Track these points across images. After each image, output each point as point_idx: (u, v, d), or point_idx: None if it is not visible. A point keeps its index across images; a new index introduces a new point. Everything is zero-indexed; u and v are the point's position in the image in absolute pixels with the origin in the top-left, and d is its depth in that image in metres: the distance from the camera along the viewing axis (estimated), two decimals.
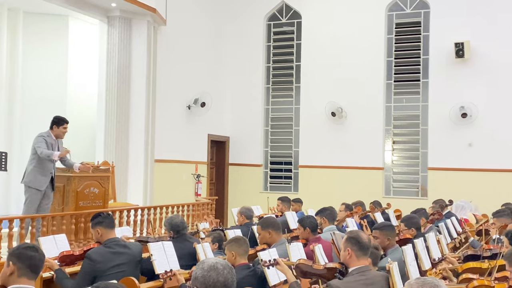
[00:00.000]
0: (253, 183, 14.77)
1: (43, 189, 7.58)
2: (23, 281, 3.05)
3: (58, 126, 7.72)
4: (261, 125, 14.94)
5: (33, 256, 3.10)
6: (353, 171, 13.74)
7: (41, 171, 7.56)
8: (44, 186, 7.59)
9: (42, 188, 7.57)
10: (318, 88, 14.18)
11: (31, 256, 3.10)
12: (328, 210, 6.98)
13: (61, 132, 7.74)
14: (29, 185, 7.56)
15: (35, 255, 3.11)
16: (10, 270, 3.07)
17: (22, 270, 3.06)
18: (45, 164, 7.57)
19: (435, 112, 13.24)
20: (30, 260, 3.09)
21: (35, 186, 7.54)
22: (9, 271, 3.07)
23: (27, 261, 3.08)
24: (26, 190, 7.61)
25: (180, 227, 5.74)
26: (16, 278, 3.05)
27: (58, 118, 7.80)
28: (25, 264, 3.07)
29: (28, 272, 3.07)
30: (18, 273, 3.06)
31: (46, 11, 10.98)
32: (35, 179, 7.54)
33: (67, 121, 7.83)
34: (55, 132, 7.72)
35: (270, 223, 5.71)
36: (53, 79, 11.34)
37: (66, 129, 7.77)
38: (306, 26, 14.50)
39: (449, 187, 12.50)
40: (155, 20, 11.70)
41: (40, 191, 7.57)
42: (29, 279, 3.07)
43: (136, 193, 11.16)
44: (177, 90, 12.90)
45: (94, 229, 4.86)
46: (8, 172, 8.58)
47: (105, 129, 11.00)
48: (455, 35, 12.88)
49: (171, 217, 6.00)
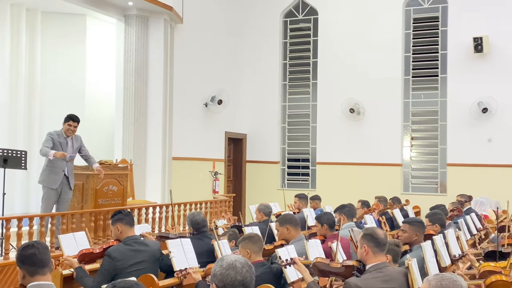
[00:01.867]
0: (271, 180, 14.77)
1: (56, 187, 7.62)
2: (38, 278, 3.10)
3: (64, 123, 7.76)
4: (278, 122, 14.92)
5: (33, 253, 3.14)
6: (371, 167, 13.67)
7: (53, 169, 7.61)
8: (57, 184, 7.62)
9: (55, 187, 7.61)
10: (335, 84, 14.12)
11: (31, 254, 3.13)
12: (347, 207, 6.94)
13: (66, 129, 7.73)
14: (43, 184, 7.65)
15: (34, 252, 3.14)
16: (21, 274, 3.15)
17: (31, 270, 3.11)
18: (56, 163, 7.59)
19: (453, 107, 13.12)
20: (32, 258, 3.13)
21: (48, 185, 7.60)
22: (21, 275, 3.16)
23: (30, 260, 3.13)
24: (42, 188, 7.71)
25: (200, 224, 5.75)
26: (31, 278, 3.11)
27: (67, 116, 7.82)
28: (30, 264, 3.12)
29: (36, 269, 3.12)
30: (29, 274, 3.11)
31: (64, 10, 11.07)
32: (47, 178, 7.61)
33: (74, 118, 7.76)
34: (64, 128, 7.76)
35: (288, 219, 5.70)
36: (71, 78, 11.43)
37: (71, 126, 7.72)
38: (322, 22, 14.45)
39: (469, 183, 12.39)
40: (172, 18, 11.74)
41: (54, 189, 7.62)
42: (42, 275, 3.12)
43: (154, 190, 11.22)
44: (194, 87, 12.93)
45: (114, 225, 4.87)
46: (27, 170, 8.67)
47: (123, 127, 11.07)
48: (473, 30, 12.75)
49: (193, 213, 5.99)
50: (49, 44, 11.23)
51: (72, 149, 7.74)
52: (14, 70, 10.36)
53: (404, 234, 5.32)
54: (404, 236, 5.30)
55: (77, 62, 11.52)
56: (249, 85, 14.98)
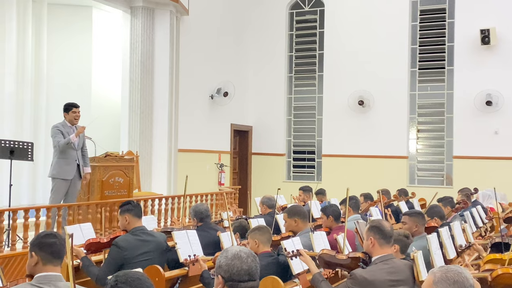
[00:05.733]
0: (276, 172, 14.78)
1: (71, 178, 7.65)
2: (48, 269, 3.11)
3: (68, 112, 7.73)
4: (284, 114, 14.91)
5: (54, 242, 3.16)
6: (377, 160, 13.66)
7: (66, 160, 7.61)
8: (71, 175, 7.64)
9: (69, 177, 7.63)
10: (341, 76, 14.09)
11: (52, 243, 3.15)
12: (353, 199, 6.95)
13: (72, 117, 7.71)
14: (56, 176, 7.62)
15: (55, 241, 3.17)
16: (34, 260, 3.13)
17: (46, 258, 3.12)
18: (68, 153, 7.61)
19: (460, 100, 13.07)
20: (51, 247, 3.15)
21: (62, 176, 7.59)
22: (33, 261, 3.14)
23: (49, 248, 3.14)
24: (52, 181, 7.69)
25: (203, 214, 5.81)
26: (42, 267, 3.11)
27: (67, 104, 7.80)
28: (48, 252, 3.13)
29: (52, 258, 3.13)
30: (43, 262, 3.12)
31: (70, 2, 11.08)
32: (60, 169, 7.60)
33: (76, 105, 7.77)
34: (68, 119, 7.73)
35: (297, 212, 5.71)
36: (78, 70, 11.44)
37: (76, 113, 7.72)
38: (329, 14, 14.41)
39: (475, 176, 12.36)
40: (178, 10, 11.73)
41: (67, 180, 7.64)
42: (54, 266, 3.14)
43: (160, 182, 11.25)
44: (200, 79, 12.93)
45: (123, 215, 4.90)
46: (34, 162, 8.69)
47: (129, 119, 11.09)
48: (480, 22, 12.68)
49: (196, 204, 6.10)
50: (56, 36, 11.24)
51: (78, 138, 7.73)
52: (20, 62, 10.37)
53: (404, 226, 5.38)
54: (405, 227, 5.34)
55: (83, 54, 11.54)
56: (255, 77, 14.97)
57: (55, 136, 7.58)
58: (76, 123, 7.79)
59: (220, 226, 6.46)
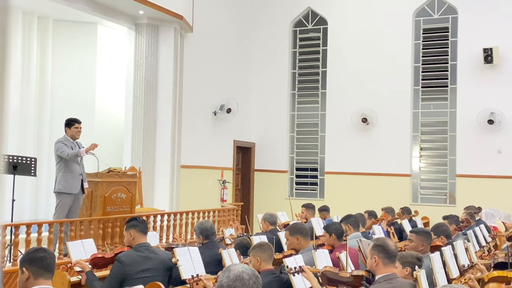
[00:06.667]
0: (279, 189, 14.75)
1: (76, 192, 7.67)
2: (40, 282, 3.22)
3: (70, 127, 7.78)
4: (286, 131, 14.92)
5: (44, 256, 3.27)
6: (380, 177, 13.63)
7: (71, 174, 7.64)
8: (77, 189, 7.68)
9: (75, 191, 7.66)
10: (344, 94, 14.12)
11: (42, 257, 3.26)
12: (353, 217, 6.93)
13: (74, 132, 7.76)
14: (62, 190, 7.63)
15: (45, 255, 3.28)
16: (26, 276, 3.22)
17: (37, 273, 3.22)
18: (73, 167, 7.64)
19: (463, 118, 13.07)
20: (42, 261, 3.26)
21: (68, 191, 7.61)
22: (24, 277, 3.23)
23: (39, 262, 3.25)
24: (57, 196, 7.70)
25: (209, 231, 5.79)
26: (34, 281, 3.22)
27: (69, 120, 7.85)
28: (38, 266, 3.24)
29: (43, 272, 3.23)
30: (34, 276, 3.22)
31: (76, 18, 11.15)
32: (66, 183, 7.62)
33: (78, 120, 7.84)
34: (69, 134, 7.77)
35: (299, 229, 5.69)
36: (82, 86, 11.50)
37: (78, 128, 7.78)
38: (332, 32, 14.47)
39: (478, 195, 12.32)
40: (182, 27, 11.80)
41: (72, 195, 7.65)
42: (45, 279, 3.25)
43: (162, 198, 11.24)
44: (203, 96, 12.97)
45: (128, 231, 4.91)
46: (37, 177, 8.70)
47: (132, 135, 11.11)
48: (483, 41, 12.73)
49: (201, 222, 6.07)
50: (60, 51, 11.31)
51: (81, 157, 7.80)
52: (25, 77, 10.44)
53: (410, 244, 5.33)
54: (411, 245, 5.30)
55: (87, 70, 11.60)
56: (258, 94, 15.01)
57: (62, 149, 7.60)
58: (78, 138, 7.85)
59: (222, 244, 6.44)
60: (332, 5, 14.45)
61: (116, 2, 10.20)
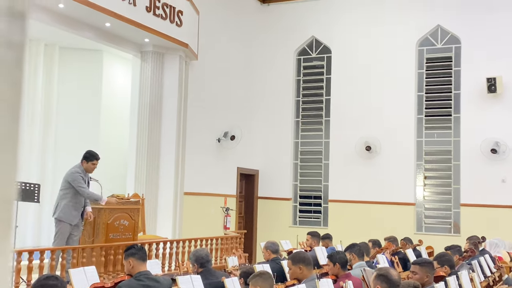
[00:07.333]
0: (283, 217, 14.69)
1: (76, 223, 7.68)
2: None
3: (88, 161, 7.81)
4: (290, 159, 14.92)
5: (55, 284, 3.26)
6: (384, 206, 13.57)
7: (75, 206, 7.65)
8: (76, 219, 7.69)
9: (75, 222, 7.66)
10: (348, 122, 14.15)
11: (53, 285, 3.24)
12: (357, 246, 6.88)
13: (90, 167, 7.81)
14: (63, 219, 7.62)
15: (56, 283, 3.27)
16: None
17: None
18: (79, 199, 7.65)
19: (467, 147, 13.06)
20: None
21: (68, 221, 7.62)
22: None
23: None
24: (57, 223, 7.68)
25: (204, 259, 5.73)
26: None
27: (89, 154, 7.88)
28: None
29: None
30: None
31: (82, 46, 11.25)
32: (69, 214, 7.61)
33: (98, 157, 7.88)
34: (84, 166, 7.82)
35: (301, 258, 5.63)
36: (87, 112, 11.56)
37: (95, 165, 7.84)
38: (336, 60, 14.57)
39: (483, 224, 12.24)
40: (187, 55, 11.89)
41: (71, 225, 7.65)
42: None
43: (165, 225, 11.19)
44: (207, 123, 13.02)
45: (127, 260, 4.88)
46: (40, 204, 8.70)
47: (136, 161, 11.11)
48: (486, 70, 12.79)
49: (196, 249, 6.05)
50: (66, 78, 11.40)
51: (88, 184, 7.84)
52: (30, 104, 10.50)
53: (415, 276, 5.22)
54: (415, 278, 5.21)
55: (92, 96, 11.67)
56: (262, 121, 15.05)
57: (80, 184, 7.57)
58: (91, 173, 7.88)
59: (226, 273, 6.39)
60: (336, 34, 14.57)
61: (122, 30, 10.30)
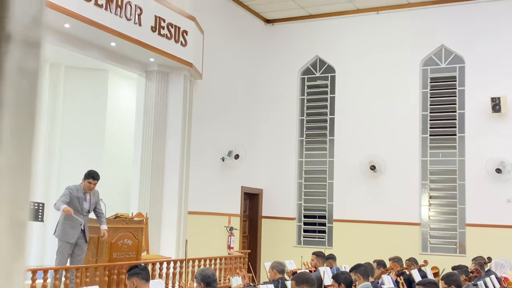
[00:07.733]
0: (287, 236, 14.62)
1: (73, 241, 7.65)
2: None
3: (84, 179, 7.87)
4: (294, 178, 14.89)
5: None
6: (389, 226, 13.49)
7: (71, 223, 7.64)
8: (74, 239, 7.66)
9: (72, 241, 7.64)
10: (352, 141, 14.13)
11: None
12: (363, 266, 6.84)
13: (86, 185, 7.83)
14: (60, 238, 7.66)
15: None
16: None
17: None
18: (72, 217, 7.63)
19: (472, 166, 13.00)
20: None
21: (65, 239, 7.62)
22: None
23: None
24: (58, 242, 7.73)
25: (211, 278, 5.70)
26: None
27: (87, 172, 7.93)
28: None
29: None
30: None
31: (87, 65, 11.33)
32: (64, 232, 7.63)
33: (95, 177, 7.87)
34: (83, 184, 7.86)
35: (305, 279, 5.60)
36: (92, 131, 11.60)
37: (91, 184, 7.83)
38: (340, 80, 14.60)
39: (488, 244, 12.15)
40: (192, 74, 11.94)
41: (70, 244, 7.64)
42: None
43: (169, 245, 11.14)
44: (211, 142, 13.03)
45: (130, 280, 4.87)
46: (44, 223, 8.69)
47: (140, 180, 11.10)
48: (491, 90, 12.79)
49: (202, 269, 6.03)
50: (71, 97, 11.46)
51: (89, 204, 7.83)
52: None
53: None
54: None
55: (97, 115, 11.72)
56: (266, 140, 15.05)
57: (63, 196, 7.63)
58: (88, 192, 7.87)
59: None
60: (340, 54, 14.62)
61: (127, 50, 10.37)
